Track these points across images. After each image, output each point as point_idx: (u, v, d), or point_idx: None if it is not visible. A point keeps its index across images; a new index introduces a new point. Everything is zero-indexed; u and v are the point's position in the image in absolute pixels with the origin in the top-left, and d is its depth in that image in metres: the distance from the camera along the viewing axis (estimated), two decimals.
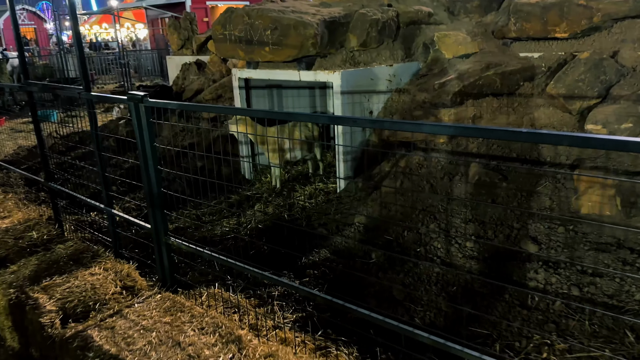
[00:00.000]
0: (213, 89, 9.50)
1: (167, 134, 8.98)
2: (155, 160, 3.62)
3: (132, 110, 3.56)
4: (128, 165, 7.98)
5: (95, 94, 4.05)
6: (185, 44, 11.69)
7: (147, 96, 3.50)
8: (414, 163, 5.68)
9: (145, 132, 3.55)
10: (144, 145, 3.60)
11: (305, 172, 7.57)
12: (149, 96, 3.58)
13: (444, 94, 5.95)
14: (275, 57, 5.97)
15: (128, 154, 8.52)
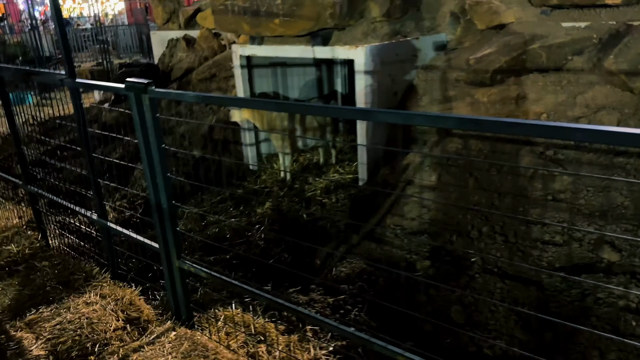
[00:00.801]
0: (206, 68, 8.60)
1: None
2: (164, 167, 2.83)
3: (133, 103, 2.76)
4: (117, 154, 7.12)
5: (82, 81, 3.22)
6: (171, 18, 10.68)
7: (152, 85, 2.69)
8: (451, 152, 4.96)
9: (150, 130, 2.76)
10: (149, 148, 2.81)
11: (317, 162, 6.81)
12: (136, 77, 2.78)
13: (481, 71, 5.19)
14: (287, 30, 5.13)
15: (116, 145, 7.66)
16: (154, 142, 2.78)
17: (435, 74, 5.60)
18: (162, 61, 10.38)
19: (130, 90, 2.74)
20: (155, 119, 2.73)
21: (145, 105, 2.72)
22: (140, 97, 2.72)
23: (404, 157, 5.24)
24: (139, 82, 2.69)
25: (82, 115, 3.29)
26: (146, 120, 2.75)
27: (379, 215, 4.67)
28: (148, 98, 2.68)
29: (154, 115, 2.72)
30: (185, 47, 9.81)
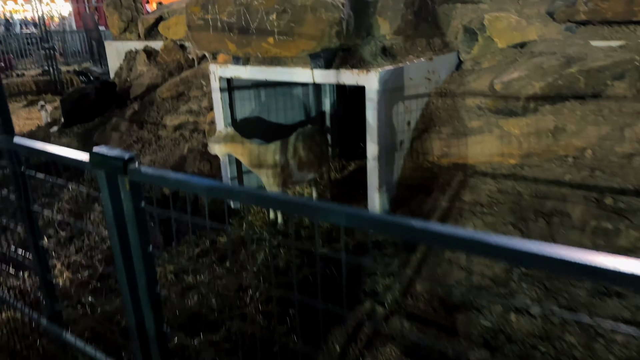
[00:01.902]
0: (172, 85, 7.55)
1: (114, 146, 6.98)
2: (151, 281, 1.88)
3: (104, 185, 1.80)
4: (69, 195, 5.99)
5: (23, 143, 2.20)
6: (128, 27, 9.53)
7: (133, 160, 1.74)
8: (483, 196, 4.17)
9: (130, 226, 1.81)
10: (128, 252, 1.85)
11: (308, 196, 5.90)
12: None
13: (511, 98, 4.45)
14: (284, 51, 4.22)
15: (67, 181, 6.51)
16: (136, 244, 1.82)
17: (453, 99, 4.82)
18: (118, 76, 9.23)
19: (100, 167, 1.78)
20: (139, 212, 1.78)
21: (123, 190, 1.76)
22: (116, 179, 1.75)
23: (424, 200, 4.42)
24: (114, 155, 1.73)
25: (25, 189, 2.28)
26: (124, 212, 1.79)
27: (404, 278, 3.82)
28: (128, 182, 1.73)
29: (136, 205, 1.76)
30: (145, 60, 8.71)
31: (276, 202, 1.54)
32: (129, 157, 1.72)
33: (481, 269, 3.69)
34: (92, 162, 1.82)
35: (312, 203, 1.50)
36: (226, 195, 1.51)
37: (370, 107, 4.27)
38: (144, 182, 1.72)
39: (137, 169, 1.71)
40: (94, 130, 7.51)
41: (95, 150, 1.82)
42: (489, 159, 4.41)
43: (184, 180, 1.60)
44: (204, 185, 1.55)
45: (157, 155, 6.29)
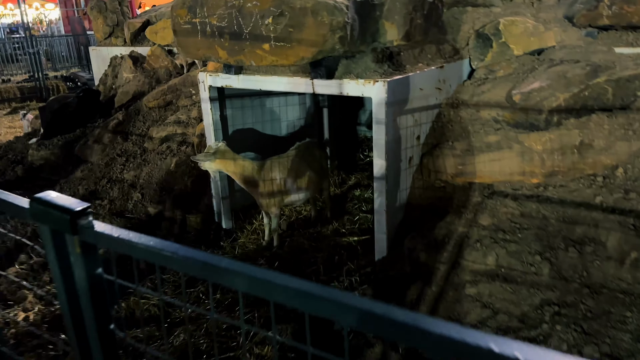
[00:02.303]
0: (159, 93, 7.07)
1: (97, 160, 6.50)
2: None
3: (49, 245, 1.33)
4: None
5: None
6: (114, 32, 9.05)
7: (87, 214, 1.27)
8: (505, 220, 3.73)
9: (83, 299, 1.34)
10: (81, 330, 1.38)
11: (306, 215, 5.45)
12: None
13: (532, 111, 4.02)
14: (281, 59, 3.77)
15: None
16: (92, 322, 1.35)
17: (466, 111, 4.39)
18: (103, 83, 8.74)
19: (43, 220, 1.32)
20: (95, 281, 1.31)
21: (73, 253, 1.29)
22: (64, 238, 1.29)
23: (437, 224, 3.97)
24: (60, 205, 1.27)
25: None
26: (75, 280, 1.32)
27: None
28: (79, 242, 1.26)
29: (90, 272, 1.30)
30: (132, 67, 8.23)
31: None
32: (80, 210, 1.26)
33: (507, 307, 3.24)
34: (32, 214, 1.35)
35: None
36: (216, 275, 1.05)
37: (377, 121, 3.83)
38: (99, 245, 1.25)
39: (90, 227, 1.25)
40: (75, 142, 7.01)
41: (38, 196, 1.36)
42: (508, 178, 3.98)
43: (155, 248, 1.13)
44: (181, 256, 1.09)
45: (142, 170, 5.81)
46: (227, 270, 1.02)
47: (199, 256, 1.05)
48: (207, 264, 1.05)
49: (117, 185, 5.69)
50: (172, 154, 5.87)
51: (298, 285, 1.00)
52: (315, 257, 4.52)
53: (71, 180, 6.18)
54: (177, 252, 1.08)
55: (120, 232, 1.20)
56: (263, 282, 1.00)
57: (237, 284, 1.02)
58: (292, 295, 0.98)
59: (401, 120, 3.98)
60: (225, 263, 1.02)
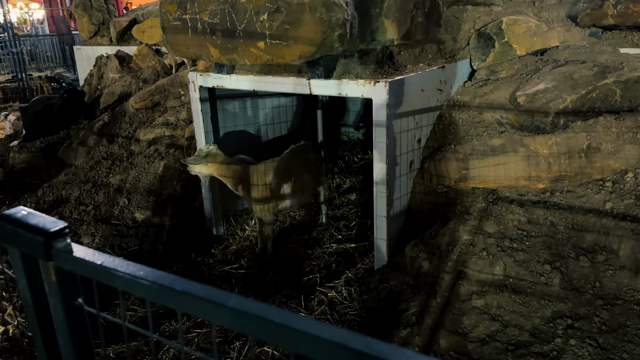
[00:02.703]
0: (146, 94, 6.82)
1: (81, 163, 6.24)
2: None
3: (20, 271, 1.11)
4: None
5: None
6: (99, 30, 8.78)
7: (64, 235, 1.05)
8: (511, 227, 3.57)
9: (64, 339, 1.13)
10: None
11: (300, 220, 5.25)
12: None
13: (538, 113, 3.87)
14: (277, 57, 3.58)
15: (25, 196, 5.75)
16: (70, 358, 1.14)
17: (468, 113, 4.23)
18: (88, 83, 8.47)
19: (12, 243, 1.11)
20: (73, 312, 1.11)
21: (48, 282, 1.09)
22: (37, 264, 1.09)
23: (440, 231, 3.80)
24: (32, 225, 1.07)
25: None
26: (51, 311, 1.12)
27: (424, 330, 3.19)
28: (54, 269, 1.06)
29: (67, 303, 1.10)
30: (118, 67, 7.97)
31: None
32: (55, 231, 1.05)
33: (517, 320, 3.08)
34: (1, 235, 1.14)
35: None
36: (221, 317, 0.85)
37: (377, 123, 3.65)
38: (79, 273, 1.05)
39: (68, 251, 1.04)
40: (58, 145, 6.74)
41: (5, 214, 1.15)
42: (514, 183, 3.82)
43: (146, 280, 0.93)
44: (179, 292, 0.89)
45: (129, 174, 5.57)
46: (234, 310, 0.83)
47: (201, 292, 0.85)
48: (210, 301, 0.85)
49: (103, 189, 5.45)
50: (160, 157, 5.63)
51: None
52: (312, 265, 4.33)
53: (54, 185, 5.91)
54: (174, 287, 0.88)
55: (104, 259, 1.00)
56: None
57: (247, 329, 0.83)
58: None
59: (402, 123, 3.81)
60: (233, 302, 0.82)
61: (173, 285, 0.88)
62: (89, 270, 1.02)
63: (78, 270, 1.05)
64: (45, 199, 5.62)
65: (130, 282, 0.95)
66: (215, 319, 0.84)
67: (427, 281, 3.53)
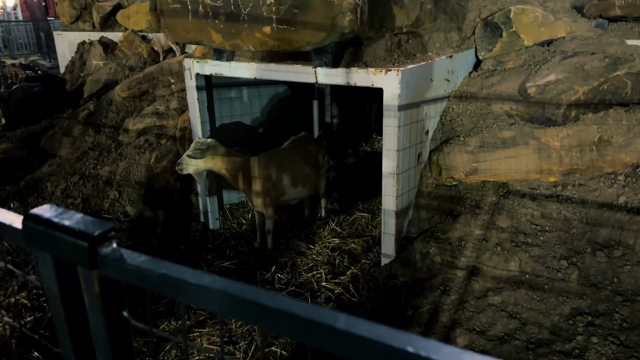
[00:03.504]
0: (134, 82, 6.56)
1: (66, 154, 5.97)
2: None
3: (52, 280, 0.94)
4: None
5: None
6: (81, 15, 8.43)
7: (111, 234, 0.88)
8: (524, 221, 3.48)
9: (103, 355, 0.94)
10: None
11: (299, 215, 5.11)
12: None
13: (549, 105, 3.79)
14: (284, 44, 3.41)
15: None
16: None
17: (476, 104, 4.12)
18: (69, 70, 8.13)
19: (44, 247, 0.94)
20: (118, 328, 0.95)
21: (89, 292, 0.92)
22: (75, 272, 0.92)
23: (451, 226, 3.70)
24: (72, 228, 0.89)
25: None
26: (91, 327, 0.95)
27: (440, 328, 3.08)
28: (98, 279, 0.89)
29: (111, 315, 0.94)
30: (102, 54, 7.67)
31: None
32: (101, 234, 0.89)
33: (536, 317, 2.99)
34: (28, 237, 0.97)
35: None
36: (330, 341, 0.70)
37: (388, 115, 3.51)
38: (131, 282, 0.89)
39: (117, 258, 0.88)
40: (41, 135, 6.44)
41: (35, 214, 0.98)
42: (525, 176, 3.73)
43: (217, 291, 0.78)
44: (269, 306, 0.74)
45: (118, 166, 5.33)
46: (346, 333, 0.68)
47: (301, 311, 0.70)
48: (313, 322, 0.70)
49: (91, 182, 5.20)
50: (152, 148, 5.41)
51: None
52: (315, 261, 4.19)
53: (38, 176, 5.64)
54: (266, 304, 0.73)
55: (165, 267, 0.84)
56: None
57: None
58: None
59: (412, 114, 3.68)
60: (343, 323, 0.68)
61: (264, 302, 0.73)
62: (145, 281, 0.86)
63: (130, 280, 0.88)
64: (29, 192, 5.34)
65: (203, 295, 0.80)
66: (324, 344, 0.69)
67: (439, 277, 3.42)
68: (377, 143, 7.14)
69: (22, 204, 5.03)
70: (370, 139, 7.28)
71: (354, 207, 5.14)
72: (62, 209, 1.00)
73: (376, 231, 4.59)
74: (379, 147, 7.00)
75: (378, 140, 7.24)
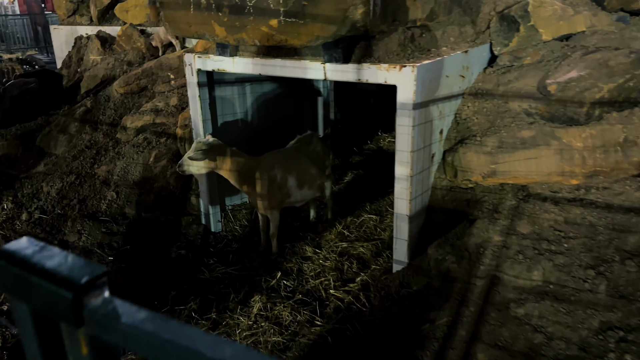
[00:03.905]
0: (132, 78, 6.35)
1: (62, 152, 5.76)
2: None
3: (29, 336, 0.72)
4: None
5: None
6: (78, 9, 8.19)
7: (102, 280, 0.67)
8: (546, 227, 3.29)
9: None
10: None
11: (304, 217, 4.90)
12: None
13: (571, 103, 3.58)
14: (291, 38, 3.20)
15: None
16: None
17: (492, 102, 3.92)
18: (67, 65, 7.91)
19: (19, 295, 0.73)
20: None
21: (73, 353, 0.71)
22: (57, 328, 0.71)
23: (467, 231, 3.50)
24: (49, 267, 0.69)
25: None
26: None
27: (459, 343, 2.89)
28: (85, 339, 0.69)
29: None
30: (99, 48, 7.45)
31: None
32: (89, 282, 0.69)
33: (562, 331, 2.80)
34: (0, 281, 0.77)
35: None
36: None
37: (403, 114, 3.31)
38: (126, 347, 0.69)
39: (109, 314, 0.68)
40: (36, 132, 6.23)
41: (8, 250, 0.78)
42: (546, 179, 3.53)
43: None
44: None
45: (116, 165, 5.13)
46: None
47: None
48: None
49: (88, 181, 5.00)
50: (150, 147, 5.20)
51: None
52: (322, 267, 3.99)
53: (33, 175, 5.43)
54: None
55: (175, 332, 0.64)
56: None
57: None
58: None
59: (427, 112, 3.48)
60: None
61: None
62: (144, 347, 0.66)
63: (125, 343, 0.68)
64: (24, 192, 5.14)
65: None
66: None
67: (456, 287, 3.23)
68: (382, 141, 6.94)
69: (16, 206, 4.83)
70: (375, 136, 7.08)
71: (361, 209, 4.94)
72: (42, 244, 0.80)
73: (385, 234, 4.40)
74: (385, 145, 6.80)
75: (383, 137, 7.04)
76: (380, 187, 5.29)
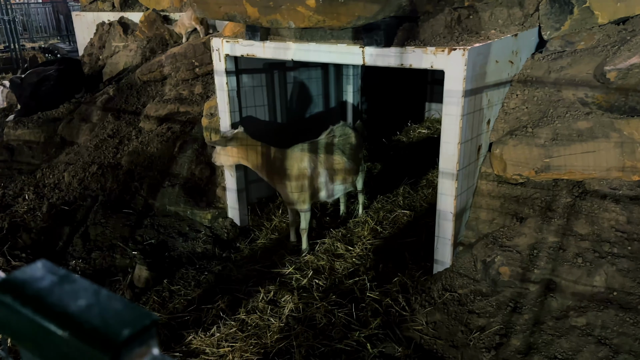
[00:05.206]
0: (155, 65, 6.16)
1: (84, 141, 5.60)
2: None
3: None
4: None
5: None
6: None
7: (151, 332, 0.40)
8: (607, 228, 2.99)
9: None
10: None
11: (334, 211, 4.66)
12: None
13: (633, 92, 3.27)
14: (329, 19, 2.94)
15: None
16: None
17: (543, 90, 3.61)
18: (88, 53, 7.76)
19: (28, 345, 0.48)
20: None
21: None
22: None
23: (516, 230, 3.22)
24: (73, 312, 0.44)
25: None
26: None
27: (512, 354, 2.63)
28: None
29: None
30: (122, 35, 7.27)
31: None
32: (133, 334, 0.44)
33: (630, 345, 2.52)
34: (3, 324, 0.53)
35: None
36: None
37: (450, 102, 3.03)
38: None
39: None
40: (58, 121, 6.09)
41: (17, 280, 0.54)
42: (605, 174, 3.23)
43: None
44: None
45: (139, 155, 4.94)
46: None
47: None
48: None
49: (111, 172, 4.82)
50: (175, 137, 5.01)
51: None
52: (356, 265, 3.76)
53: (54, 165, 5.29)
54: None
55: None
56: None
57: None
58: None
59: (475, 101, 3.19)
60: None
61: None
62: None
63: None
64: (45, 182, 4.99)
65: None
66: None
67: (507, 292, 2.97)
68: (412, 132, 6.65)
69: (37, 196, 4.68)
70: (404, 127, 6.79)
71: (394, 204, 4.69)
72: (63, 271, 0.57)
73: (421, 231, 4.14)
74: (415, 137, 6.52)
75: (413, 128, 6.75)
76: (412, 180, 5.03)
